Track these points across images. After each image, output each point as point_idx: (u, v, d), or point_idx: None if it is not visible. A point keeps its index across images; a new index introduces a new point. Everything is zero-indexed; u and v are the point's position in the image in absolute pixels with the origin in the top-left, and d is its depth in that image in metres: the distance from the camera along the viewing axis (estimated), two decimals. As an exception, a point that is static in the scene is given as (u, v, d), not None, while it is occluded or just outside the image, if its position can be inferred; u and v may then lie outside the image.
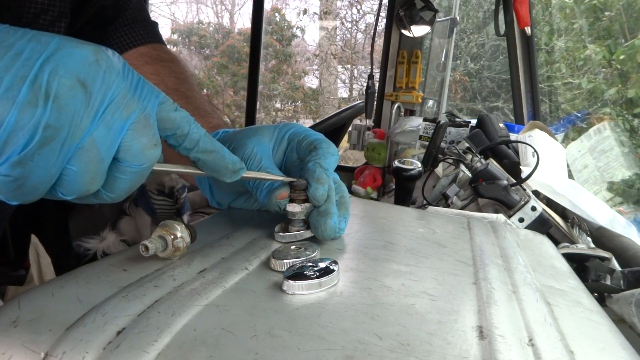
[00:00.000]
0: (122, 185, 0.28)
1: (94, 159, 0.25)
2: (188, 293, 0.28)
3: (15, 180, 0.23)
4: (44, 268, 1.12)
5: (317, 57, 6.95)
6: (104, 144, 0.25)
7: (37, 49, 0.23)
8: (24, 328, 0.24)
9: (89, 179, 0.25)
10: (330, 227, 0.39)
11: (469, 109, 4.73)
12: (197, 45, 7.11)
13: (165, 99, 0.29)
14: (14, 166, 0.23)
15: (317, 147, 0.41)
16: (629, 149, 2.05)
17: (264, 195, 0.41)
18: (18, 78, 0.22)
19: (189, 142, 0.31)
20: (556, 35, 3.37)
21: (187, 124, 0.31)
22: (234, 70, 6.68)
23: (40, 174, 0.23)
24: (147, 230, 1.62)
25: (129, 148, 0.27)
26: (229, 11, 7.83)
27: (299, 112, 7.00)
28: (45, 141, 0.23)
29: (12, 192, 0.24)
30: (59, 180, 0.25)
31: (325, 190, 0.39)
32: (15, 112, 0.22)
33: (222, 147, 0.33)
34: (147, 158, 0.28)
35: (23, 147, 0.22)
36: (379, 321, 0.27)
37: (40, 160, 0.23)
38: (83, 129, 0.24)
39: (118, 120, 0.26)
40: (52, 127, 0.23)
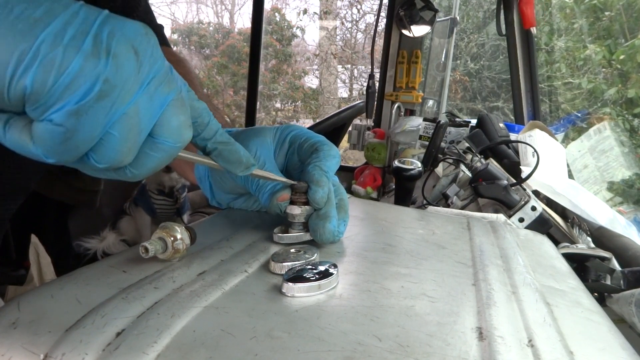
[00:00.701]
0: (149, 163, 0.28)
1: (134, 127, 0.26)
2: (187, 295, 0.28)
3: (65, 132, 0.23)
4: (44, 268, 1.12)
5: (317, 57, 6.95)
6: (145, 115, 0.26)
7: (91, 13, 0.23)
8: (23, 329, 0.24)
9: (126, 149, 0.26)
10: (329, 231, 0.39)
11: (469, 109, 4.73)
12: (197, 45, 7.11)
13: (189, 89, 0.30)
14: (69, 116, 0.23)
15: (318, 150, 0.41)
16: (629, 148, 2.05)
17: (265, 197, 0.41)
18: (80, 32, 0.23)
19: (207, 132, 0.32)
20: (556, 35, 3.37)
21: (208, 115, 0.32)
22: (234, 70, 6.68)
23: (88, 130, 0.24)
24: (147, 230, 1.63)
25: (166, 124, 0.27)
26: (229, 11, 7.83)
27: (299, 112, 7.00)
28: (102, 95, 0.23)
29: (57, 145, 0.24)
30: (97, 145, 0.25)
31: (324, 193, 0.39)
32: (80, 59, 0.22)
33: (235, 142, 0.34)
34: (182, 137, 0.28)
35: (82, 96, 0.23)
36: (379, 323, 0.27)
37: (93, 115, 0.23)
38: (131, 94, 0.25)
39: (160, 95, 0.26)
40: (109, 83, 0.23)
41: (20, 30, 0.22)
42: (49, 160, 0.25)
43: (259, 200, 0.42)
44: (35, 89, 0.22)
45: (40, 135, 0.24)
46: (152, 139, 0.27)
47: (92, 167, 0.26)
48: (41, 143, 0.24)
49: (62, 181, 1.18)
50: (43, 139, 0.24)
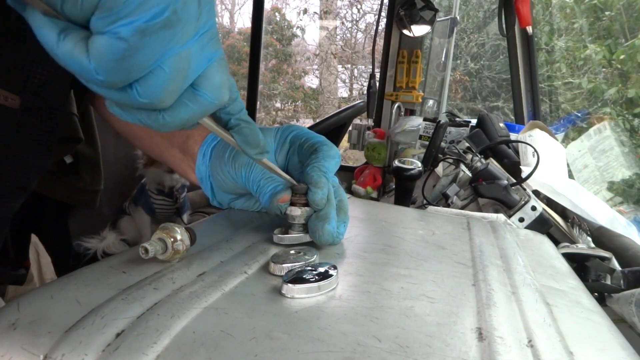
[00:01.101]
0: (184, 113, 0.29)
1: (183, 70, 0.26)
2: (187, 296, 0.28)
3: (127, 50, 0.24)
4: (44, 268, 1.12)
5: (317, 56, 6.95)
6: (194, 62, 0.27)
7: None
8: (23, 330, 0.24)
9: (170, 89, 0.26)
10: (327, 232, 0.39)
11: (469, 109, 4.73)
12: (197, 45, 7.09)
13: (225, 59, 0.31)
14: (135, 32, 0.23)
15: (318, 150, 0.41)
16: (629, 148, 2.05)
17: (266, 198, 0.41)
18: None
19: (234, 107, 0.33)
20: (556, 35, 3.37)
21: (236, 91, 0.33)
22: (234, 70, 6.67)
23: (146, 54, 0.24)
24: (147, 230, 1.62)
25: (210, 78, 0.28)
26: (229, 11, 7.82)
27: (299, 111, 7.00)
28: (167, 24, 0.24)
29: (113, 62, 0.24)
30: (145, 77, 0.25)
31: (324, 195, 0.39)
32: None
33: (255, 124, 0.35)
34: (221, 95, 0.29)
35: (152, 17, 0.23)
36: (378, 324, 0.27)
37: (155, 40, 0.24)
38: (188, 35, 0.26)
39: (210, 49, 0.27)
40: (177, 14, 0.24)
41: None
42: (98, 77, 0.25)
43: (260, 201, 0.42)
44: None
45: (100, 48, 0.24)
46: (193, 90, 0.28)
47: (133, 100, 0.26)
48: (97, 56, 0.24)
49: (62, 181, 1.18)
50: (101, 52, 0.24)
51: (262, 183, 0.41)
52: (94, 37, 0.24)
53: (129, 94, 0.26)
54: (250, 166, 0.42)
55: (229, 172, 0.43)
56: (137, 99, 0.26)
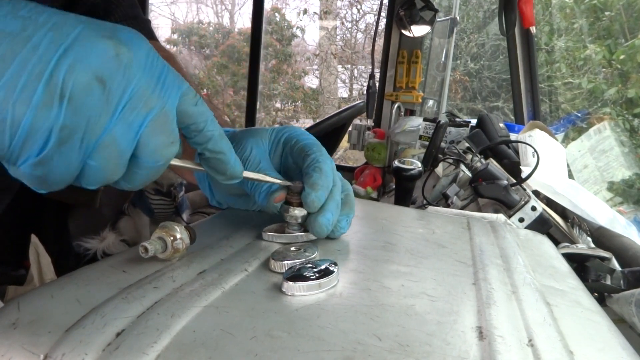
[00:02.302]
0: (139, 179, 0.28)
1: (113, 154, 0.25)
2: (187, 294, 0.28)
3: (39, 177, 0.24)
4: (44, 268, 1.12)
5: (317, 57, 6.95)
6: (123, 140, 0.25)
7: (55, 41, 0.22)
8: (23, 330, 0.24)
9: (110, 173, 0.26)
10: (319, 224, 0.39)
11: (469, 109, 4.73)
12: (197, 45, 7.11)
13: (188, 91, 0.29)
14: (34, 166, 0.23)
15: (309, 154, 0.41)
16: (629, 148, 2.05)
17: (262, 197, 0.41)
18: (34, 76, 0.22)
19: (200, 138, 0.31)
20: (556, 35, 3.37)
21: (204, 121, 0.31)
22: (234, 70, 6.68)
23: (60, 171, 0.24)
24: (146, 230, 1.62)
25: (146, 145, 0.26)
26: (229, 11, 7.83)
27: (299, 112, 7.00)
28: (62, 141, 0.23)
29: (38, 185, 0.24)
30: (81, 173, 0.25)
31: (316, 197, 0.38)
32: (30, 114, 0.22)
33: (230, 150, 0.33)
34: (162, 156, 0.28)
35: (41, 149, 0.23)
36: (379, 322, 0.27)
37: (60, 159, 0.23)
38: (101, 126, 0.24)
39: (137, 117, 0.25)
40: (68, 128, 0.23)
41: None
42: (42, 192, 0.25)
43: (256, 200, 0.42)
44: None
45: (23, 177, 0.24)
46: (135, 159, 0.27)
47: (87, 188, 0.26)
48: (27, 182, 0.24)
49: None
50: (26, 180, 0.24)
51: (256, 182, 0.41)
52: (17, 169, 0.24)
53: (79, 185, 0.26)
54: (244, 164, 0.42)
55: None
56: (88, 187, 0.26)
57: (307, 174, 0.39)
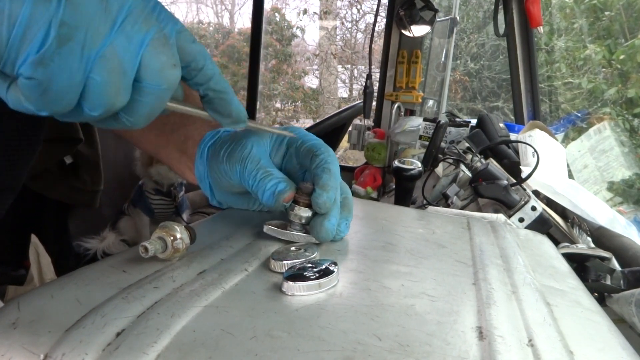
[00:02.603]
0: (141, 109, 0.27)
1: (116, 69, 0.25)
2: (187, 294, 0.28)
3: (40, 83, 0.23)
4: (44, 268, 1.12)
5: (317, 57, 6.95)
6: (125, 55, 0.25)
7: None
8: (23, 329, 0.24)
9: (114, 91, 0.25)
10: (325, 230, 0.39)
11: (469, 109, 4.73)
12: (197, 45, 7.10)
13: (183, 29, 0.29)
14: (35, 66, 0.22)
15: (318, 154, 0.41)
16: (629, 148, 2.05)
17: (267, 196, 0.40)
18: None
19: (201, 77, 0.31)
20: (556, 35, 3.37)
21: (203, 58, 0.30)
22: (234, 70, 6.68)
23: (63, 78, 0.23)
24: (146, 230, 1.62)
25: (148, 65, 0.26)
26: (229, 11, 7.83)
27: (299, 112, 7.00)
28: (62, 40, 0.22)
29: (39, 97, 0.23)
30: (84, 93, 0.25)
31: (328, 198, 0.38)
32: (28, 6, 0.22)
33: (232, 92, 0.33)
34: (166, 79, 0.27)
35: (40, 45, 0.22)
36: (379, 322, 0.27)
37: (61, 62, 0.23)
38: (102, 34, 0.24)
39: (137, 33, 0.25)
40: (67, 25, 0.22)
41: None
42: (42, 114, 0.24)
43: (259, 198, 0.41)
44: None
45: (23, 91, 0.23)
46: (138, 84, 0.26)
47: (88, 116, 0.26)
48: (28, 98, 0.24)
49: (62, 181, 1.18)
50: (27, 94, 0.23)
51: (259, 177, 0.40)
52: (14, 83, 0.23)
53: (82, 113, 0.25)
54: (244, 161, 0.41)
55: (224, 171, 0.43)
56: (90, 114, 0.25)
57: (317, 174, 0.39)
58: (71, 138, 1.09)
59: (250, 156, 0.41)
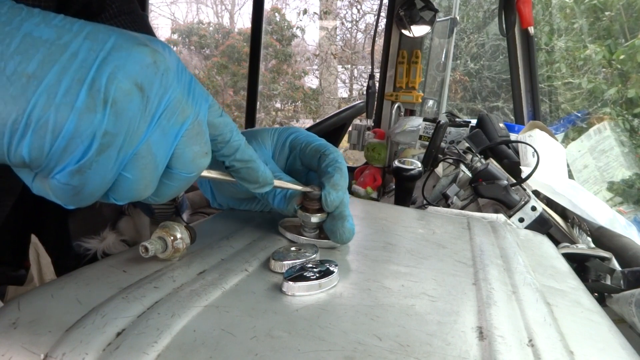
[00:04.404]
0: (168, 191, 0.27)
1: (149, 165, 0.25)
2: (188, 294, 0.28)
3: (74, 188, 0.23)
4: (44, 268, 1.12)
5: (317, 57, 6.95)
6: (159, 151, 0.25)
7: (93, 49, 0.22)
8: (23, 329, 0.24)
9: (143, 186, 0.25)
10: (348, 230, 0.39)
11: (469, 109, 4.73)
12: (197, 45, 7.12)
13: (213, 103, 0.29)
14: (72, 175, 0.22)
15: (326, 154, 0.40)
16: (629, 148, 2.05)
17: (279, 200, 0.40)
18: (75, 81, 0.21)
19: (228, 149, 0.31)
20: (556, 35, 3.37)
21: (230, 131, 0.30)
22: (234, 70, 6.68)
23: (97, 182, 0.23)
24: (146, 231, 1.62)
25: (180, 155, 0.26)
26: (229, 11, 7.83)
27: (299, 112, 7.00)
28: (103, 148, 0.22)
29: (70, 198, 0.24)
30: (113, 187, 0.24)
31: (338, 197, 0.38)
32: (74, 118, 0.21)
33: (257, 157, 0.33)
34: (197, 167, 0.27)
35: (82, 155, 0.22)
36: (379, 322, 0.27)
37: (98, 168, 0.23)
38: (139, 134, 0.23)
39: (174, 126, 0.25)
40: (110, 134, 0.22)
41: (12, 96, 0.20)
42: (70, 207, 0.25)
43: (270, 203, 0.41)
44: (33, 157, 0.21)
45: (53, 190, 0.23)
46: (168, 170, 0.26)
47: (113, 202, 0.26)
48: (57, 197, 0.24)
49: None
50: (57, 194, 0.23)
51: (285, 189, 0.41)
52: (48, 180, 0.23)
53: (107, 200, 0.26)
54: None
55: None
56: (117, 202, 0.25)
57: (328, 173, 0.39)
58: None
59: None
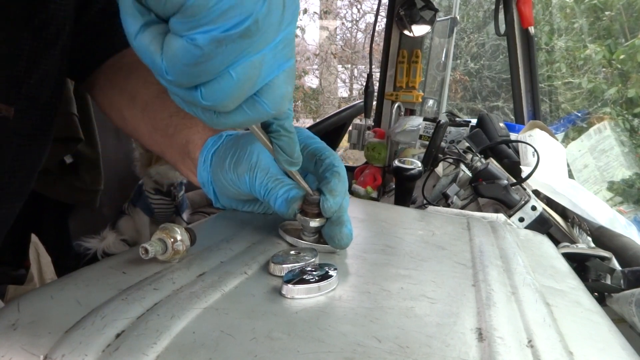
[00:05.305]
0: (239, 118, 0.28)
1: (252, 78, 0.25)
2: (187, 296, 0.28)
3: (201, 56, 0.23)
4: (44, 267, 1.12)
5: (317, 56, 6.95)
6: (265, 70, 0.25)
7: None
8: (23, 331, 0.24)
9: (236, 95, 0.26)
10: (346, 236, 0.39)
11: (469, 109, 4.73)
12: (197, 45, 7.10)
13: None
14: (212, 41, 0.23)
15: (324, 158, 0.40)
16: (629, 148, 2.05)
17: (280, 202, 0.40)
18: None
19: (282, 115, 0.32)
20: (556, 35, 3.37)
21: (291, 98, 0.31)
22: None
23: (218, 62, 0.24)
24: (146, 230, 1.62)
25: (275, 88, 0.27)
26: (229, 11, 7.81)
27: (299, 111, 6.99)
28: (246, 34, 0.23)
29: (184, 66, 0.24)
30: (212, 81, 0.25)
31: (335, 203, 0.38)
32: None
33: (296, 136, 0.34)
34: (282, 105, 0.28)
35: (232, 27, 0.23)
36: (378, 324, 0.27)
37: (229, 51, 0.23)
38: (265, 44, 0.24)
39: (284, 57, 0.26)
40: (257, 24, 0.23)
41: None
42: (167, 77, 0.24)
43: (271, 205, 0.41)
44: (198, 2, 0.22)
45: (174, 50, 0.23)
46: (254, 97, 0.27)
47: (195, 101, 0.26)
48: (170, 58, 0.24)
49: (62, 181, 1.18)
50: (175, 54, 0.23)
51: (270, 186, 0.41)
52: (171, 37, 0.23)
53: (193, 95, 0.26)
54: (253, 171, 0.41)
55: (231, 180, 0.43)
56: (200, 101, 0.25)
57: (325, 178, 0.39)
58: (71, 138, 1.09)
59: (258, 165, 0.41)
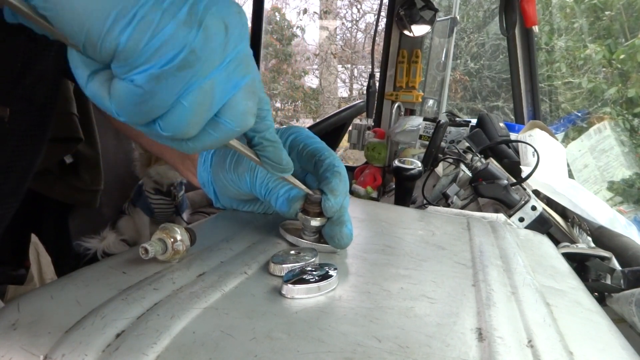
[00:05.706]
0: (207, 141, 0.28)
1: (206, 102, 0.26)
2: (187, 296, 0.28)
3: (143, 94, 0.24)
4: (44, 267, 1.12)
5: (317, 56, 6.95)
6: (218, 92, 0.26)
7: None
8: (23, 331, 0.24)
9: (193, 122, 0.26)
10: (346, 236, 0.39)
11: (469, 109, 4.73)
12: (197, 45, 7.09)
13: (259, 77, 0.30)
14: (150, 79, 0.23)
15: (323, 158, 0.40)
16: (629, 148, 2.05)
17: (281, 202, 0.40)
18: None
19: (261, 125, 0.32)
20: (556, 35, 3.37)
21: (267, 110, 0.32)
22: (234, 70, 6.65)
23: (163, 97, 0.24)
24: (146, 230, 1.62)
25: (234, 106, 0.27)
26: (229, 10, 7.80)
27: (299, 111, 7.00)
28: (185, 64, 0.24)
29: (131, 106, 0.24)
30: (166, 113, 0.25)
31: (337, 203, 0.38)
32: (173, 26, 0.23)
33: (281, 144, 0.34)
34: (245, 122, 0.28)
35: (167, 62, 0.23)
36: (378, 324, 0.27)
37: (172, 83, 0.24)
38: (211, 68, 0.25)
39: (237, 75, 0.26)
40: (195, 54, 0.24)
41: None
42: (120, 118, 0.25)
43: (272, 205, 0.41)
44: (128, 46, 0.22)
45: (118, 92, 0.24)
46: (215, 119, 0.27)
47: (156, 134, 0.26)
48: (117, 100, 0.24)
49: (62, 181, 1.18)
50: (120, 96, 0.24)
51: (271, 186, 0.41)
52: (115, 81, 0.24)
53: (153, 128, 0.26)
54: (254, 171, 0.41)
55: (232, 180, 0.43)
56: (160, 132, 0.26)
57: (326, 178, 0.39)
58: (71, 138, 1.09)
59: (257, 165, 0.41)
